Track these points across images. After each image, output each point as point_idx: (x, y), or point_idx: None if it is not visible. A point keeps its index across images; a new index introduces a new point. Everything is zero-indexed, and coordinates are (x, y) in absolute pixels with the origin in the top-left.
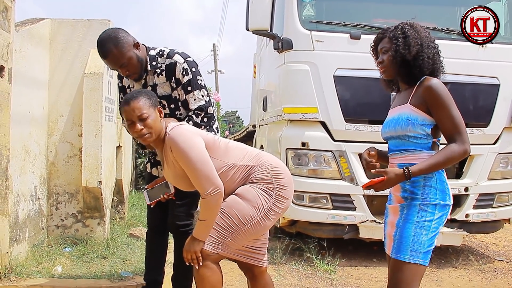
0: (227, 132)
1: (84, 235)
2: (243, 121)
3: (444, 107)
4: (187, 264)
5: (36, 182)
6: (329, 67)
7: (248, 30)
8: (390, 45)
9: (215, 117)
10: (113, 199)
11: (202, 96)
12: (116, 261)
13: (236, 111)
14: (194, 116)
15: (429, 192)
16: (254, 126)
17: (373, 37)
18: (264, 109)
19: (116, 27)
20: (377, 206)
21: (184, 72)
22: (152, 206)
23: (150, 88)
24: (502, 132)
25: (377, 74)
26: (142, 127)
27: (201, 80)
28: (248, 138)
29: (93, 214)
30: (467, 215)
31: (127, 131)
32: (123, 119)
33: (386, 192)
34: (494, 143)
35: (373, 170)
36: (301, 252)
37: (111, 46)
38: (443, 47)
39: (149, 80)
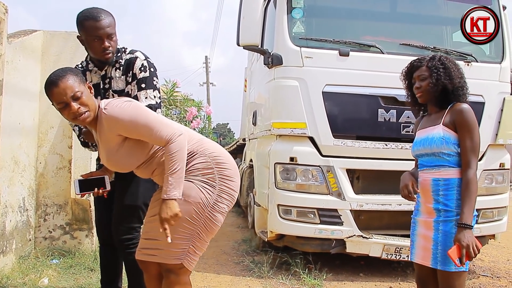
0: None
1: (72, 247)
2: (234, 133)
3: (470, 130)
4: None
5: (24, 193)
6: (318, 83)
7: (239, 45)
8: (429, 74)
9: None
10: None
11: (154, 96)
12: None
13: (227, 124)
14: None
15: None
16: (244, 139)
17: (361, 54)
18: (254, 123)
19: None
20: (364, 221)
21: (142, 68)
22: (81, 196)
23: (108, 80)
24: (487, 149)
25: (364, 90)
26: (79, 105)
27: (156, 82)
28: (238, 151)
29: (81, 226)
30: None
31: (65, 118)
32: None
33: (372, 207)
34: (479, 160)
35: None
36: (288, 266)
37: (106, 14)
38: None
39: (108, 72)
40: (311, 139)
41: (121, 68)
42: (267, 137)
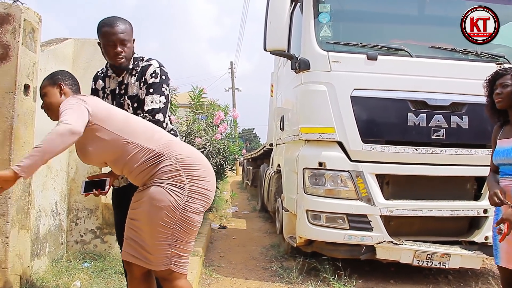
0: (244, 151)
1: (103, 251)
2: (259, 138)
3: None
4: None
5: (57, 198)
6: (346, 88)
7: (266, 50)
8: None
9: (166, 127)
10: None
11: (159, 101)
12: None
13: (253, 129)
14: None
15: None
16: (271, 144)
17: (390, 58)
18: (282, 128)
19: None
20: (394, 227)
21: (153, 74)
22: (84, 195)
23: (124, 86)
24: None
25: (393, 94)
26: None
27: (165, 89)
28: (265, 156)
29: (112, 230)
30: (486, 238)
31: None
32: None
33: (402, 213)
34: None
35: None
36: (317, 272)
37: (122, 22)
38: (460, 68)
39: (125, 78)
40: (340, 144)
41: (137, 74)
42: (295, 142)
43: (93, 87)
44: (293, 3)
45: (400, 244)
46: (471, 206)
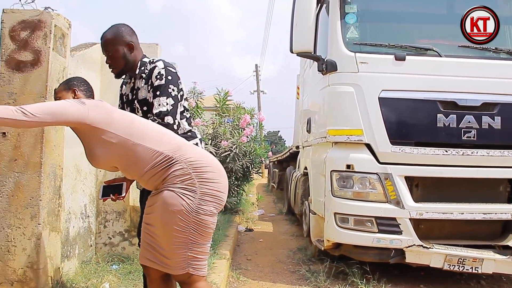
0: (270, 153)
1: (131, 253)
2: (285, 141)
3: None
4: None
5: (86, 201)
6: (374, 89)
7: (292, 52)
8: None
9: (179, 129)
10: None
11: (167, 103)
12: None
13: (278, 131)
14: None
15: None
16: (297, 147)
17: (418, 58)
18: (308, 131)
19: (126, 24)
20: (424, 230)
21: (158, 76)
22: (103, 200)
23: (135, 91)
24: None
25: (422, 95)
26: None
27: (172, 90)
28: (291, 159)
29: None
30: None
31: None
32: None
33: (433, 216)
34: None
35: None
36: (345, 276)
37: (107, 33)
38: (492, 67)
39: (137, 83)
40: (368, 146)
41: (145, 77)
42: (322, 144)
43: (120, 92)
44: (319, 4)
45: (430, 247)
46: (504, 209)
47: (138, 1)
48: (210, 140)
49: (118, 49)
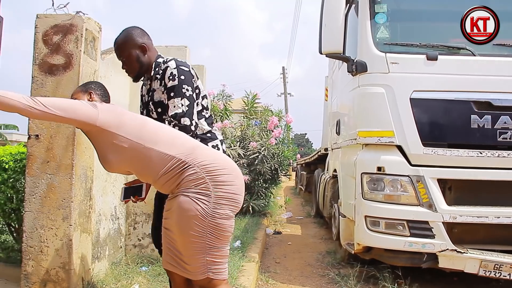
0: (298, 156)
1: (160, 256)
2: (312, 143)
3: None
4: None
5: (115, 202)
6: (405, 90)
7: (321, 53)
8: None
9: (197, 130)
10: None
11: (182, 105)
12: None
13: (305, 134)
14: (166, 123)
15: None
16: (326, 149)
17: (451, 57)
18: (338, 133)
19: (137, 26)
20: (457, 234)
21: (171, 77)
22: (124, 202)
23: (151, 92)
24: None
25: (455, 96)
26: None
27: (186, 90)
28: (319, 161)
29: None
30: None
31: None
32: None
33: (467, 219)
34: None
35: None
36: (376, 281)
37: (118, 38)
38: None
39: (153, 84)
40: (399, 148)
41: (159, 79)
42: (352, 147)
43: (141, 93)
44: (348, 4)
45: (464, 252)
46: None
47: (165, 7)
48: (239, 142)
49: (131, 53)
